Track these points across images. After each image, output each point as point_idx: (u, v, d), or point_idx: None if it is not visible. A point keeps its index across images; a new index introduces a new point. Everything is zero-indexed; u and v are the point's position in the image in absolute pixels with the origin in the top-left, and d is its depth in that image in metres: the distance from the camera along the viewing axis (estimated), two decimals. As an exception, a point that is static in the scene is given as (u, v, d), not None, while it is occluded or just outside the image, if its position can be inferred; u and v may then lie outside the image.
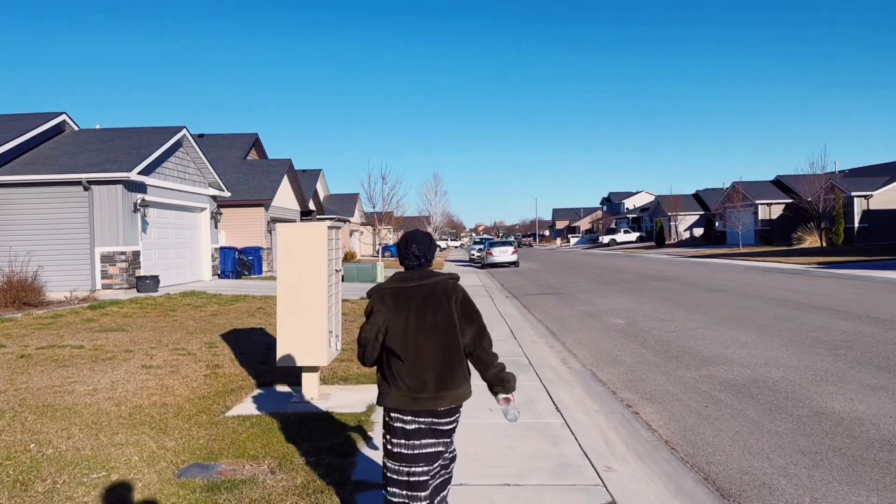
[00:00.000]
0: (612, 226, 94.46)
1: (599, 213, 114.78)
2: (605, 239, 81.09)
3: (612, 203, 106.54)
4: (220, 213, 23.93)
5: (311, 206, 40.71)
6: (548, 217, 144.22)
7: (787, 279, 21.79)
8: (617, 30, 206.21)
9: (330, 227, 6.93)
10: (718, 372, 8.22)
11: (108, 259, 17.03)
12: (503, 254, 36.32)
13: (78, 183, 16.90)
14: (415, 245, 3.36)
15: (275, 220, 31.15)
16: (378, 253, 48.32)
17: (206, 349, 9.77)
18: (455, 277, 3.41)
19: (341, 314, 7.93)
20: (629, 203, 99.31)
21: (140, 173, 17.70)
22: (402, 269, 3.47)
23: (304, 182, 42.50)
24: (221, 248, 24.49)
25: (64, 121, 20.79)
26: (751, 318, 12.71)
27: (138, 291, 17.29)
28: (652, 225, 77.23)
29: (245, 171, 31.67)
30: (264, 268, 29.01)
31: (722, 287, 19.50)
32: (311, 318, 6.64)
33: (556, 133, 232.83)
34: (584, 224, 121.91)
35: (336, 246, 7.36)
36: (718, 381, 7.70)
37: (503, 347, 9.98)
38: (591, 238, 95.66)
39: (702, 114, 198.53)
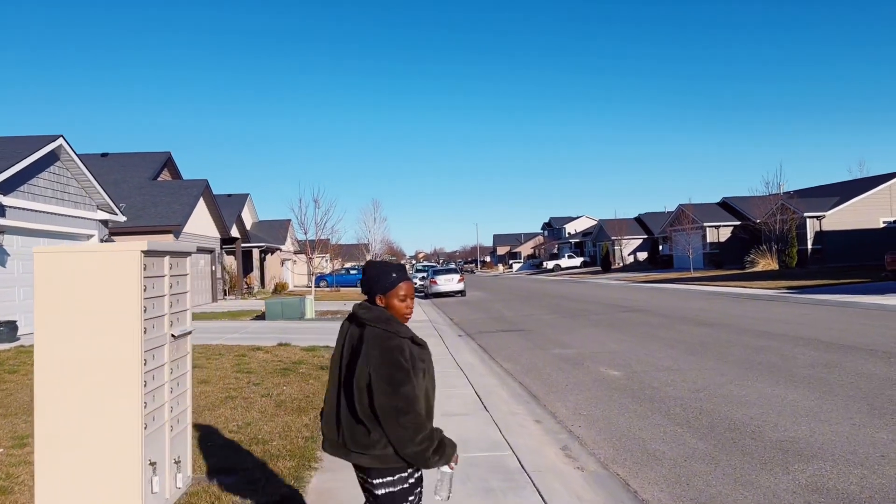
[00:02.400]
0: (555, 251, 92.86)
1: (541, 239, 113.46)
2: (550, 264, 79.12)
3: (553, 228, 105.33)
4: (112, 241, 19.95)
5: (235, 233, 36.75)
6: (489, 243, 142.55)
7: (771, 308, 19.34)
8: (558, 51, 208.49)
9: (149, 254, 3.60)
10: (822, 473, 5.19)
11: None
12: (448, 282, 33.22)
13: None
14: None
15: (188, 249, 27.17)
16: (311, 284, 44.49)
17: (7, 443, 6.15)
18: None
19: (188, 403, 4.56)
20: (570, 228, 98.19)
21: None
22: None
23: (229, 207, 38.57)
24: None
25: None
26: (782, 366, 9.84)
27: (-17, 339, 13.28)
28: (595, 249, 75.74)
29: (153, 193, 27.66)
30: (174, 304, 24.96)
31: (709, 320, 16.79)
32: (99, 444, 3.27)
33: (495, 158, 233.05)
34: (525, 249, 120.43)
35: (177, 289, 4.04)
36: (841, 498, 4.65)
37: (472, 429, 6.74)
38: (534, 264, 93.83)
39: (640, 139, 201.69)
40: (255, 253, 43.18)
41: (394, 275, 2.89)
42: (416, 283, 41.69)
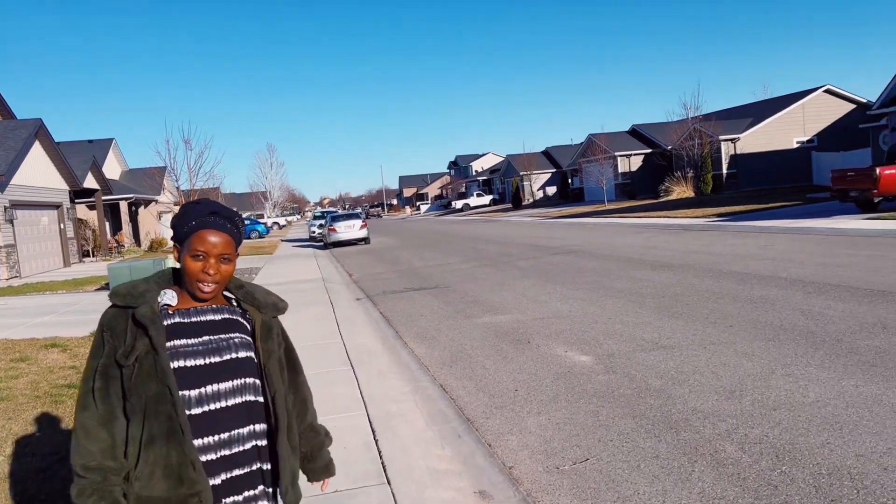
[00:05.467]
0: (463, 190, 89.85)
1: (447, 179, 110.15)
2: (459, 204, 76.14)
3: (459, 167, 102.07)
4: None
5: (93, 183, 31.11)
6: (395, 185, 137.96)
7: (721, 240, 16.73)
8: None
9: None
10: None
11: None
12: (349, 229, 29.28)
13: None
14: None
15: (20, 205, 21.88)
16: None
17: None
18: None
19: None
20: (477, 165, 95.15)
21: None
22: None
23: (88, 154, 32.64)
24: None
25: None
26: (847, 340, 6.79)
27: None
28: (503, 186, 73.22)
29: (-35, 136, 21.91)
30: (2, 273, 19.92)
31: (662, 260, 13.86)
32: None
33: (399, 98, 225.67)
34: (432, 190, 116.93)
35: None
36: None
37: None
38: (442, 204, 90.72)
39: (547, 71, 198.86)
40: (123, 206, 37.48)
41: (193, 221, 1.86)
42: (313, 232, 37.50)
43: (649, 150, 48.40)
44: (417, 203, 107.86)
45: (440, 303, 11.20)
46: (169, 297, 1.87)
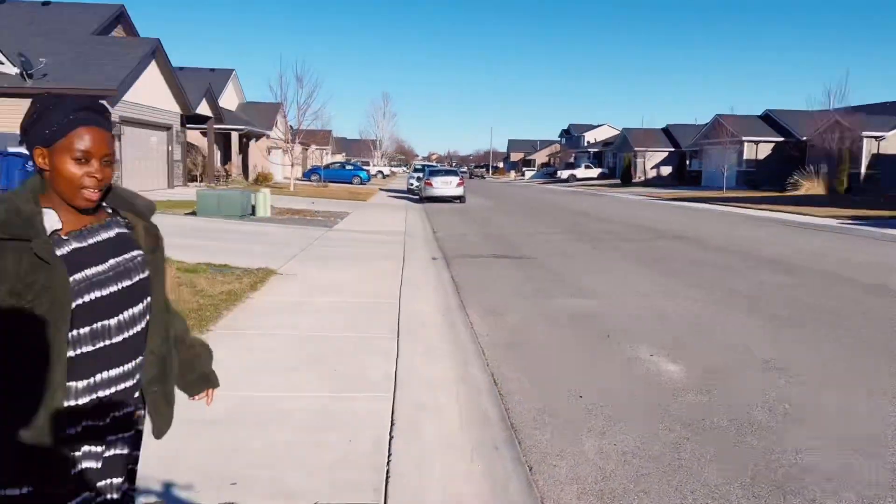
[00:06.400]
0: (571, 160, 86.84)
1: (557, 147, 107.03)
2: (564, 174, 73.62)
3: (571, 136, 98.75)
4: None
5: (207, 111, 31.67)
6: (503, 149, 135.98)
7: (849, 244, 14.57)
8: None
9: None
10: None
11: None
12: (446, 185, 28.45)
13: None
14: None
15: (129, 122, 22.36)
16: (299, 177, 39.34)
17: None
18: None
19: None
20: (590, 136, 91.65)
21: None
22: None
23: (206, 81, 33.18)
24: (3, 155, 15.76)
25: None
26: None
27: None
28: (615, 161, 70.06)
29: (86, 51, 22.47)
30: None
31: (787, 261, 12.09)
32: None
33: (516, 60, 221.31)
34: (540, 157, 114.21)
35: None
36: None
37: None
38: (548, 172, 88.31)
39: (676, 43, 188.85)
40: (235, 137, 38.25)
41: (66, 118, 1.62)
42: (411, 185, 36.95)
43: (781, 139, 44.49)
44: (523, 168, 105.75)
45: (521, 275, 10.08)
46: (52, 218, 1.61)
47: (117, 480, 1.70)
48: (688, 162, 58.05)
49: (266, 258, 9.74)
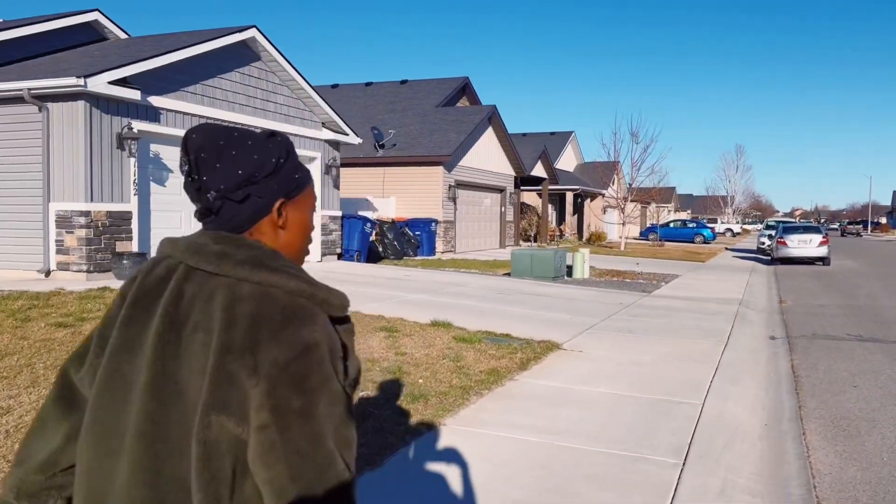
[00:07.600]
0: None
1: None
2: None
3: None
4: (338, 166, 16.79)
5: (542, 172, 32.22)
6: (886, 201, 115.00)
7: None
8: None
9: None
10: None
11: (64, 222, 10.81)
12: (803, 245, 24.08)
13: (20, 99, 10.75)
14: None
15: (464, 185, 23.51)
16: (635, 236, 37.44)
17: None
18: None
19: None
20: None
21: (126, 82, 10.95)
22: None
23: (546, 145, 34.03)
24: (347, 218, 17.42)
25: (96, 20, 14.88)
26: None
27: (117, 277, 10.86)
28: None
29: (430, 121, 24.42)
30: (438, 246, 21.58)
31: None
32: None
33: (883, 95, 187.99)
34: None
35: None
36: None
37: None
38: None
39: None
40: (569, 197, 38.39)
41: (299, 173, 1.25)
42: (763, 243, 32.50)
43: None
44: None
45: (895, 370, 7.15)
46: None
47: None
48: None
49: (556, 328, 8.52)
